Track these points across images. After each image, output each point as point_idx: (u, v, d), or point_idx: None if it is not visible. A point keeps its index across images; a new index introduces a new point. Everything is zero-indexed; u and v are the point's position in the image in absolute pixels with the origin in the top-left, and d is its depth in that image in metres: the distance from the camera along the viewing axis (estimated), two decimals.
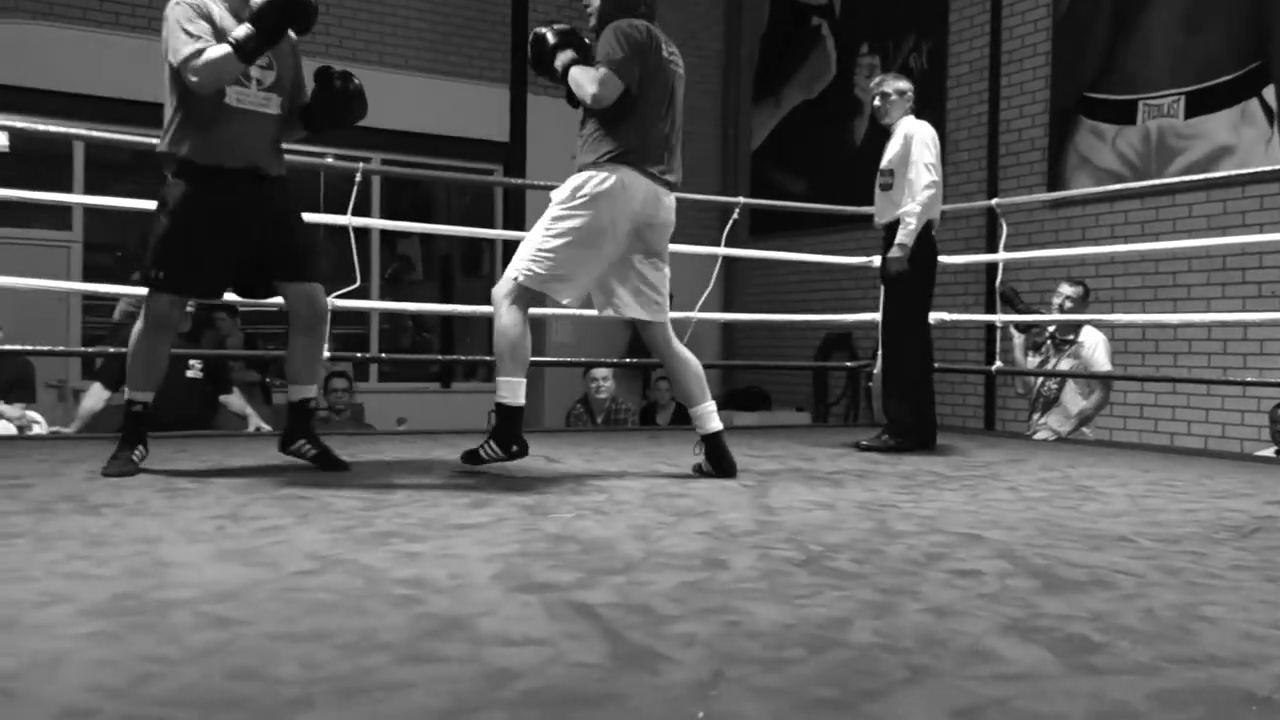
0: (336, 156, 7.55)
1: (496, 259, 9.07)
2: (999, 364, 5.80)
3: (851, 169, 7.91)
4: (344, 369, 6.73)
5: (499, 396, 3.25)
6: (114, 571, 1.84)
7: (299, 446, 3.33)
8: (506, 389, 3.24)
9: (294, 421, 3.37)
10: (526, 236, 3.34)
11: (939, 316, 5.28)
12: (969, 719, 1.21)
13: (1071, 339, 5.42)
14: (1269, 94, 6.03)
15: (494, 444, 3.27)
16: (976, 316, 6.86)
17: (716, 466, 3.35)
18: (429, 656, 1.39)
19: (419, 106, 8.59)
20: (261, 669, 1.33)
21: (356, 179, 4.63)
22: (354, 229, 4.61)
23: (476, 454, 3.30)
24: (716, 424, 3.38)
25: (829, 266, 7.00)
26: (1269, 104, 6.03)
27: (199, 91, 2.96)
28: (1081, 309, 5.44)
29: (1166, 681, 1.36)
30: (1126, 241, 6.46)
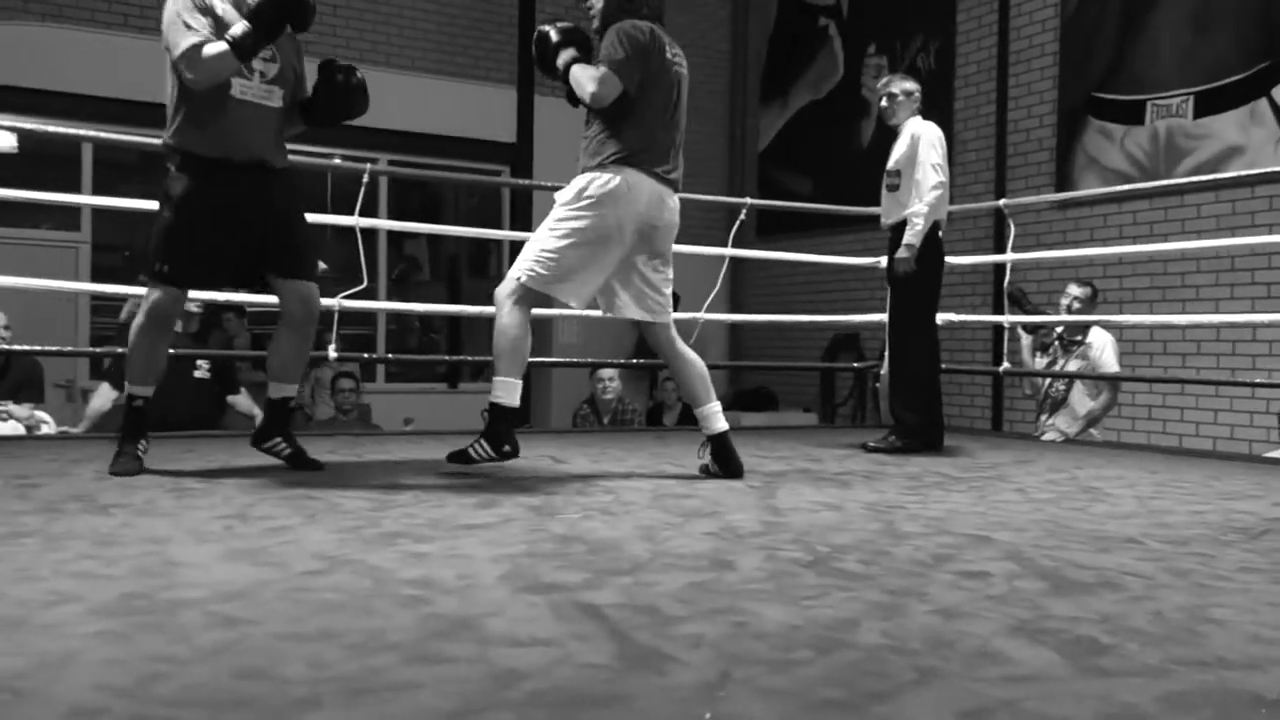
0: (344, 157, 7.58)
1: (504, 260, 9.08)
2: (1006, 365, 5.78)
3: (858, 169, 7.90)
4: (351, 369, 6.74)
5: (494, 396, 3.22)
6: (122, 571, 1.84)
7: (274, 444, 3.28)
8: (502, 389, 3.21)
9: (271, 419, 3.32)
10: (531, 237, 3.32)
11: (946, 317, 5.27)
12: None
13: (1079, 340, 5.41)
14: (1278, 94, 6.02)
15: (485, 444, 3.23)
16: (984, 317, 6.85)
17: (723, 467, 3.35)
18: (436, 657, 1.39)
19: (426, 107, 8.61)
20: (269, 669, 1.33)
21: (364, 180, 4.63)
22: (361, 230, 4.62)
23: (466, 454, 3.24)
24: (722, 424, 3.37)
25: (836, 267, 6.99)
26: (1278, 104, 6.01)
27: (194, 88, 2.96)
28: (1089, 310, 5.43)
29: (1175, 684, 1.35)
30: (1135, 242, 6.45)
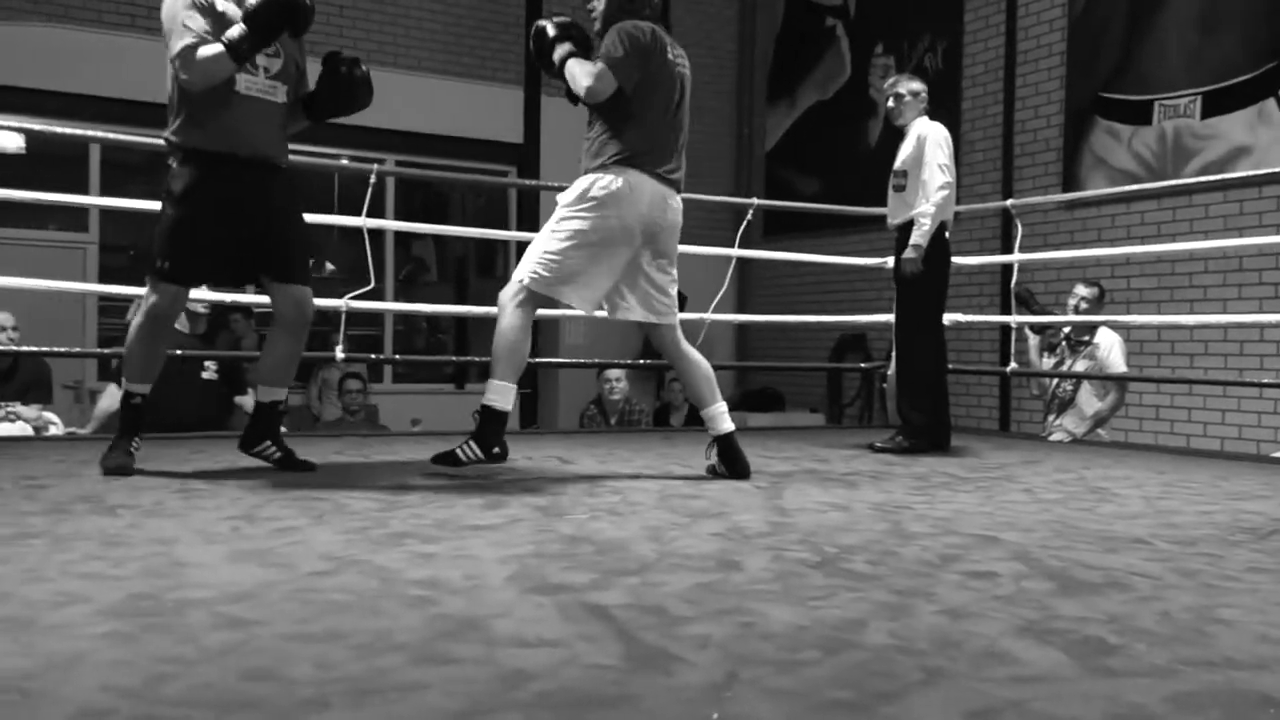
0: (351, 158, 7.59)
1: (510, 260, 9.07)
2: (1014, 365, 5.77)
3: (865, 170, 7.89)
4: (358, 370, 6.74)
5: (487, 399, 3.18)
6: (130, 572, 1.84)
7: (263, 449, 3.26)
8: (496, 393, 3.17)
9: (260, 423, 3.28)
10: (534, 240, 3.29)
11: (954, 318, 5.26)
12: None
13: (1087, 340, 5.40)
14: None
15: (474, 445, 3.18)
16: (991, 318, 6.84)
17: (730, 467, 3.35)
18: (443, 658, 1.40)
19: (433, 108, 8.61)
20: (276, 669, 1.33)
21: (371, 180, 4.63)
22: (368, 230, 4.62)
23: (453, 455, 3.18)
24: (729, 425, 3.37)
25: (843, 267, 6.98)
26: None
27: (189, 89, 2.95)
28: (1097, 310, 5.42)
29: (1183, 684, 1.35)
30: (1142, 242, 6.43)
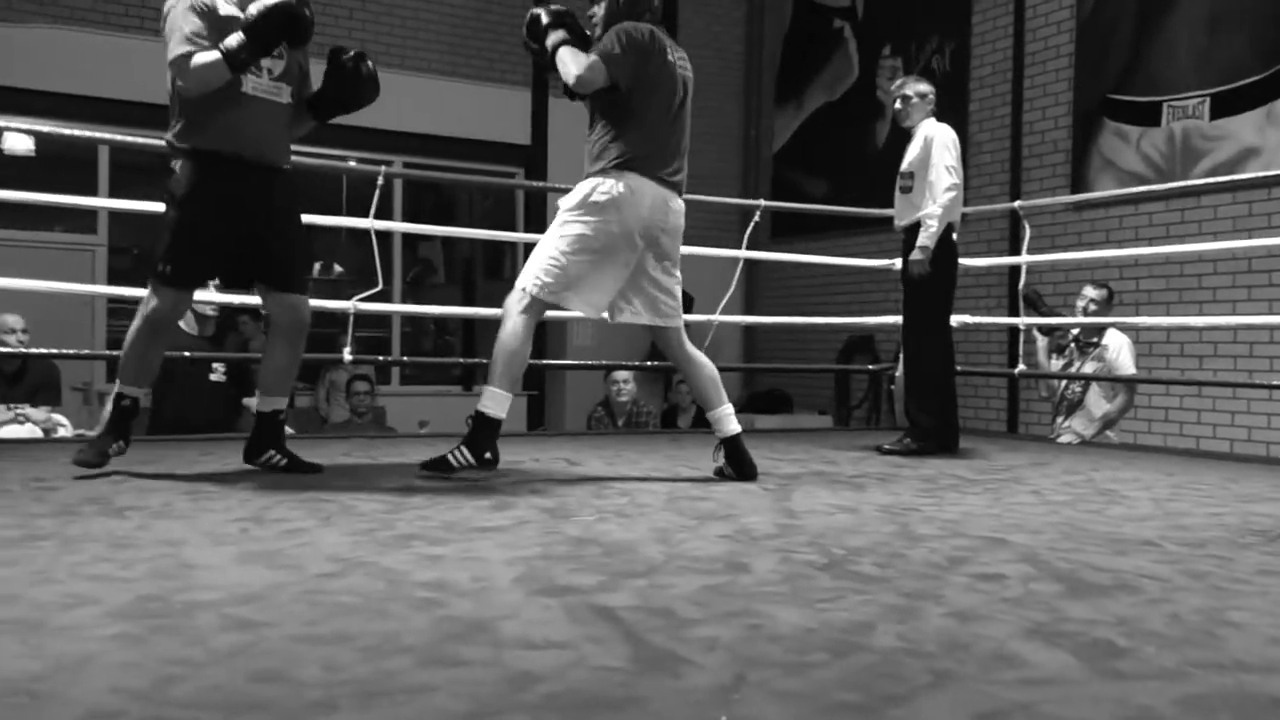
0: (359, 160, 7.60)
1: (518, 261, 9.07)
2: (1022, 367, 5.76)
3: (873, 171, 7.88)
4: (366, 372, 6.75)
5: (481, 405, 3.13)
6: (138, 574, 1.85)
7: (268, 458, 3.25)
8: (492, 400, 3.12)
9: (262, 433, 3.27)
10: (537, 246, 3.27)
11: (962, 319, 5.25)
12: None
13: (1095, 342, 5.39)
14: None
15: (466, 450, 3.13)
16: (999, 319, 6.82)
17: (737, 469, 3.35)
18: (451, 660, 1.40)
19: (441, 110, 8.62)
20: (284, 671, 1.33)
21: (379, 182, 4.64)
22: (376, 232, 4.63)
23: (445, 461, 3.14)
24: (735, 426, 3.36)
25: (851, 269, 6.97)
26: None
27: (184, 95, 2.95)
28: (1106, 312, 5.41)
29: (1193, 687, 1.35)
30: (1151, 244, 6.41)
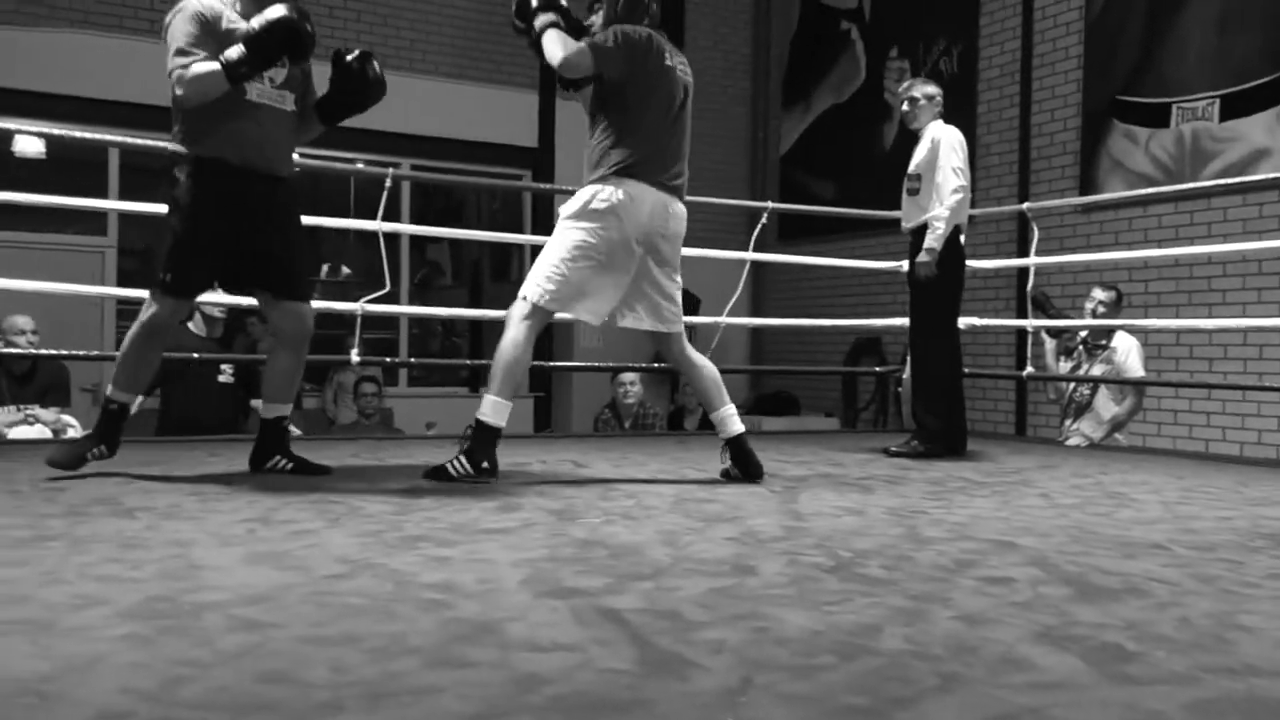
0: (366, 162, 7.60)
1: (525, 263, 9.07)
2: (1030, 369, 5.75)
3: (880, 173, 7.86)
4: (373, 374, 6.75)
5: (481, 414, 3.12)
6: (147, 574, 1.85)
7: (274, 463, 3.26)
8: (491, 408, 3.11)
9: (268, 439, 3.27)
10: (540, 255, 3.27)
11: (969, 321, 5.24)
12: None
13: (1104, 344, 5.37)
14: None
15: (465, 460, 3.12)
16: (1007, 321, 6.81)
17: (743, 468, 3.34)
18: (458, 661, 1.40)
19: (448, 112, 8.63)
20: (292, 672, 1.33)
21: (386, 184, 4.65)
22: (384, 234, 4.64)
23: (444, 471, 3.13)
24: (739, 426, 3.37)
25: (858, 271, 6.97)
26: None
27: (183, 104, 2.96)
28: (1114, 314, 5.39)
29: (1203, 691, 1.34)
30: (1160, 246, 6.39)
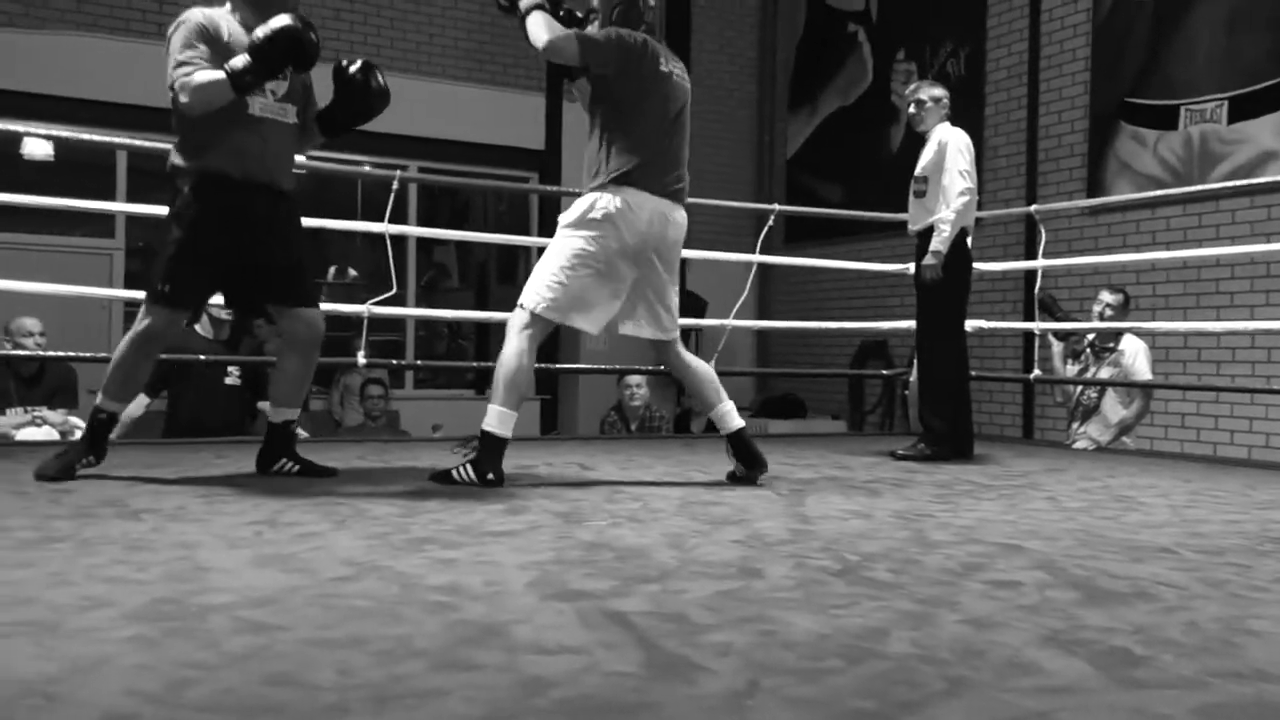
0: (373, 164, 7.62)
1: (532, 266, 9.08)
2: (1037, 372, 5.73)
3: (887, 176, 7.86)
4: (380, 376, 6.76)
5: (486, 424, 3.12)
6: (153, 576, 1.86)
7: (281, 466, 3.27)
8: (497, 419, 3.11)
9: (276, 442, 3.29)
10: (538, 264, 3.27)
11: (976, 324, 5.24)
12: None
13: (1112, 347, 5.36)
14: None
15: (470, 469, 3.12)
16: (1015, 324, 6.80)
17: (746, 462, 3.34)
18: (464, 664, 1.39)
19: (455, 114, 8.64)
20: (298, 675, 1.33)
21: (393, 187, 4.65)
22: (390, 236, 4.64)
23: (449, 476, 3.13)
24: (738, 421, 3.37)
25: (864, 274, 6.96)
26: None
27: (188, 113, 2.95)
28: (1122, 316, 5.38)
29: (1211, 696, 1.33)
30: (1168, 248, 6.37)
